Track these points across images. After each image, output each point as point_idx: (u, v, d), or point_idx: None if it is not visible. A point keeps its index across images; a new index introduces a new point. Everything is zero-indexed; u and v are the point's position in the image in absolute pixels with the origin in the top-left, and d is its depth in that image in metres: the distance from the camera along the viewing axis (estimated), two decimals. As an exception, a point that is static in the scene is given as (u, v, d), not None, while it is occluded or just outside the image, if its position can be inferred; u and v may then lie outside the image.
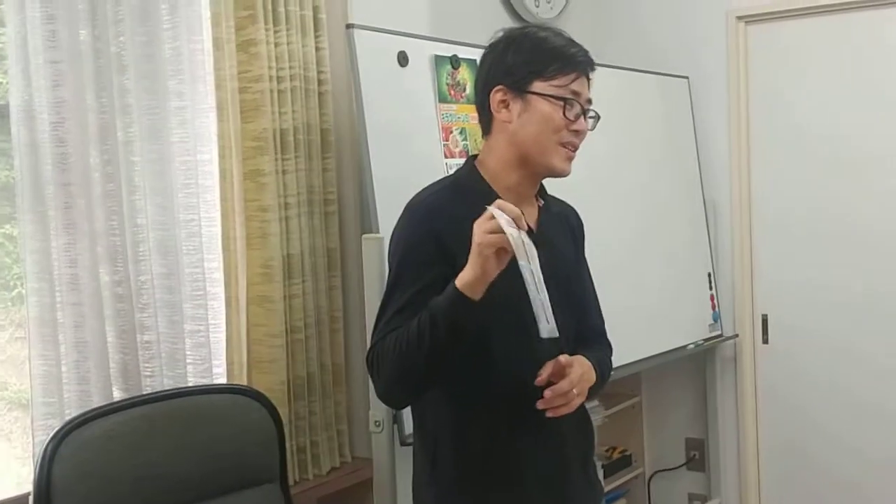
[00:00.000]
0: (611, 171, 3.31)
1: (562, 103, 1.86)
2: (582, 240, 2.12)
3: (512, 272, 1.66)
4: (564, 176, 1.93)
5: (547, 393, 1.78)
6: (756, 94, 3.79)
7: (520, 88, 1.88)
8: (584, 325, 1.99)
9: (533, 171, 1.93)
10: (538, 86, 1.87)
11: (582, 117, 1.90)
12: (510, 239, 1.62)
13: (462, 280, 1.69)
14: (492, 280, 1.68)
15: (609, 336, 2.13)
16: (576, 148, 1.92)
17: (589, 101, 1.92)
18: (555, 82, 1.87)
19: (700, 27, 3.84)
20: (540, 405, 1.78)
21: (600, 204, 2.37)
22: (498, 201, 1.71)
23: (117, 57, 2.25)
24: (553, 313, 1.67)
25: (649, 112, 3.65)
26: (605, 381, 2.00)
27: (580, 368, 1.84)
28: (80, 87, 2.15)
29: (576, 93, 1.88)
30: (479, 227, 1.67)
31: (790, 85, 3.71)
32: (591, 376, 1.88)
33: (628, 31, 3.97)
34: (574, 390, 1.80)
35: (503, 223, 1.64)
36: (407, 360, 1.76)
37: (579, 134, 1.90)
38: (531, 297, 1.64)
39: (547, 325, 1.65)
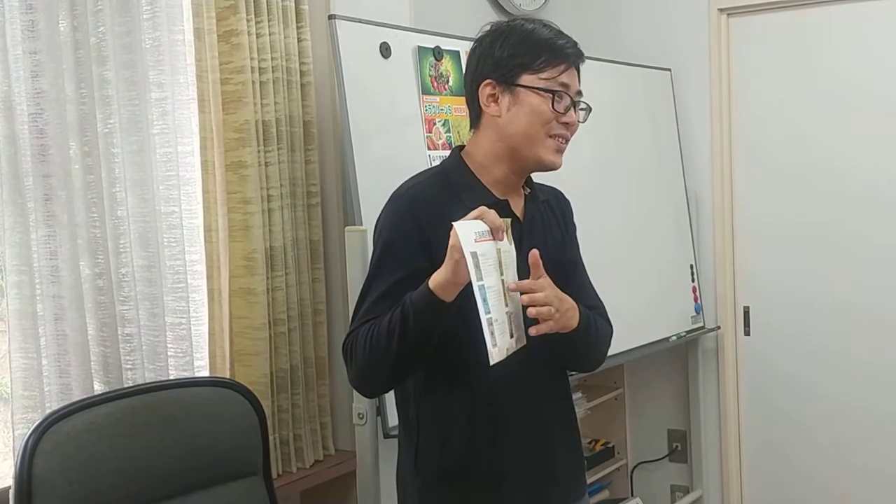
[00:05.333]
0: (593, 164, 3.31)
1: (550, 96, 1.86)
2: (571, 220, 2.11)
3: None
4: (555, 169, 1.93)
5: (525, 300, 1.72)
6: (738, 86, 3.80)
7: (508, 82, 1.88)
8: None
9: (522, 164, 1.92)
10: (526, 79, 1.87)
11: (572, 109, 1.89)
12: (467, 257, 1.61)
13: (435, 280, 1.70)
14: (464, 284, 1.67)
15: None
16: (566, 140, 1.92)
17: (579, 93, 1.92)
18: (543, 75, 1.87)
19: (682, 19, 3.84)
20: (512, 286, 1.71)
21: (583, 196, 2.38)
22: (480, 209, 1.71)
23: (97, 48, 2.23)
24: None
25: (632, 104, 3.65)
26: (592, 335, 1.94)
27: (554, 290, 1.77)
28: (59, 78, 2.13)
29: (565, 85, 1.88)
30: (453, 233, 1.66)
31: (772, 77, 3.72)
32: (575, 314, 1.84)
33: (610, 24, 3.97)
34: (546, 295, 1.73)
35: (462, 238, 1.62)
36: (377, 352, 1.76)
37: (570, 126, 1.90)
38: (482, 318, 1.62)
39: (494, 349, 1.63)
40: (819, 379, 3.70)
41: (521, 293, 1.71)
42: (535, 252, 1.74)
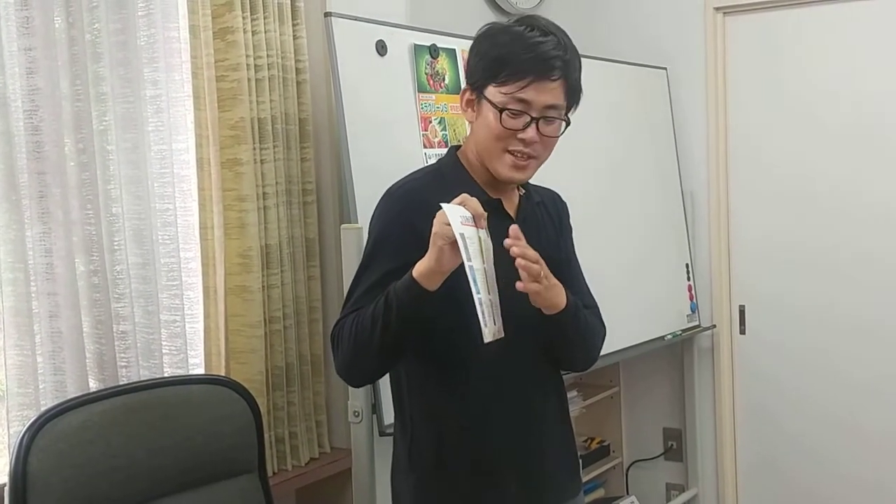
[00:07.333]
0: (589, 163, 3.31)
1: (499, 112, 1.82)
2: (567, 222, 2.11)
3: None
4: (514, 182, 1.92)
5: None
6: (734, 85, 3.81)
7: (478, 91, 1.87)
8: None
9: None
10: (490, 91, 1.85)
11: (533, 125, 1.83)
12: (457, 237, 1.63)
13: (418, 269, 1.71)
14: (448, 272, 1.68)
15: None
16: (527, 156, 1.86)
17: (550, 108, 1.84)
18: (503, 89, 1.82)
19: (678, 18, 3.85)
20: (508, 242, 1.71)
21: (578, 195, 2.39)
22: (463, 195, 1.72)
23: (92, 44, 2.22)
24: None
25: (627, 103, 3.65)
26: (581, 324, 1.93)
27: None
28: (54, 74, 2.12)
29: (524, 101, 1.82)
30: (438, 218, 1.68)
31: (768, 76, 3.73)
32: (561, 293, 1.84)
33: (607, 22, 3.97)
34: (536, 254, 1.73)
35: (451, 219, 1.65)
36: (361, 342, 1.78)
37: (527, 143, 1.84)
38: (474, 297, 1.64)
39: (486, 329, 1.65)
40: (813, 378, 3.70)
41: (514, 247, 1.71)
42: (514, 227, 1.74)
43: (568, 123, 1.90)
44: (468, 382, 1.88)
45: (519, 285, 1.71)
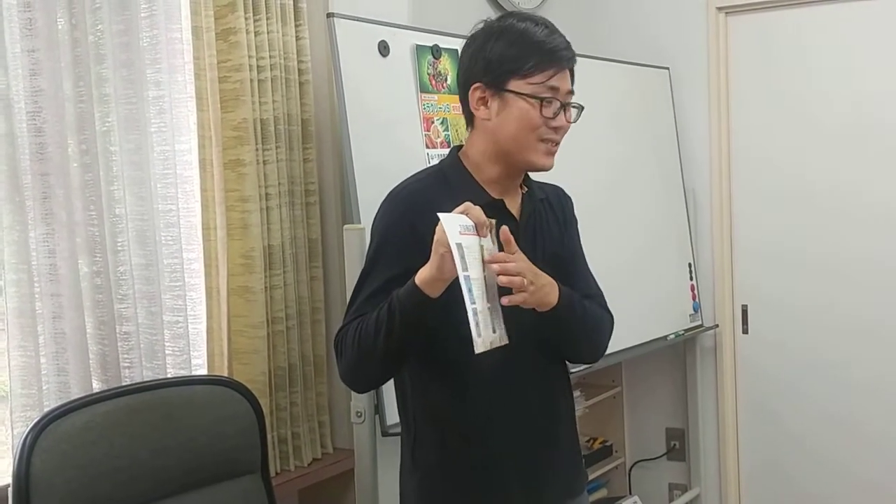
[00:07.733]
0: (591, 163, 3.31)
1: (539, 102, 1.84)
2: (572, 215, 2.11)
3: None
4: (546, 170, 1.93)
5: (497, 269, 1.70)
6: (736, 85, 3.80)
7: (497, 86, 1.86)
8: None
9: (514, 166, 1.92)
10: (515, 84, 1.85)
11: (562, 112, 1.87)
12: (452, 247, 1.63)
13: (421, 276, 1.71)
14: (450, 280, 1.68)
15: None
16: (557, 143, 1.90)
17: (570, 94, 1.90)
18: (532, 80, 1.84)
19: (681, 18, 3.84)
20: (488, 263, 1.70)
21: (581, 195, 2.39)
22: (465, 204, 1.72)
23: (95, 46, 2.22)
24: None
25: (630, 103, 3.65)
26: (580, 315, 1.91)
27: (528, 265, 1.77)
28: (57, 76, 2.13)
29: (554, 88, 1.85)
30: (440, 226, 1.67)
31: (771, 76, 3.72)
32: (552, 290, 1.82)
33: (609, 22, 3.97)
34: (518, 266, 1.72)
35: (448, 228, 1.64)
36: (364, 348, 1.78)
37: (559, 130, 1.88)
38: (468, 308, 1.64)
39: (479, 339, 1.64)
40: (816, 378, 3.70)
41: (494, 264, 1.70)
42: (505, 228, 1.74)
43: (582, 108, 1.92)
44: (468, 387, 1.88)
45: (504, 300, 1.70)
